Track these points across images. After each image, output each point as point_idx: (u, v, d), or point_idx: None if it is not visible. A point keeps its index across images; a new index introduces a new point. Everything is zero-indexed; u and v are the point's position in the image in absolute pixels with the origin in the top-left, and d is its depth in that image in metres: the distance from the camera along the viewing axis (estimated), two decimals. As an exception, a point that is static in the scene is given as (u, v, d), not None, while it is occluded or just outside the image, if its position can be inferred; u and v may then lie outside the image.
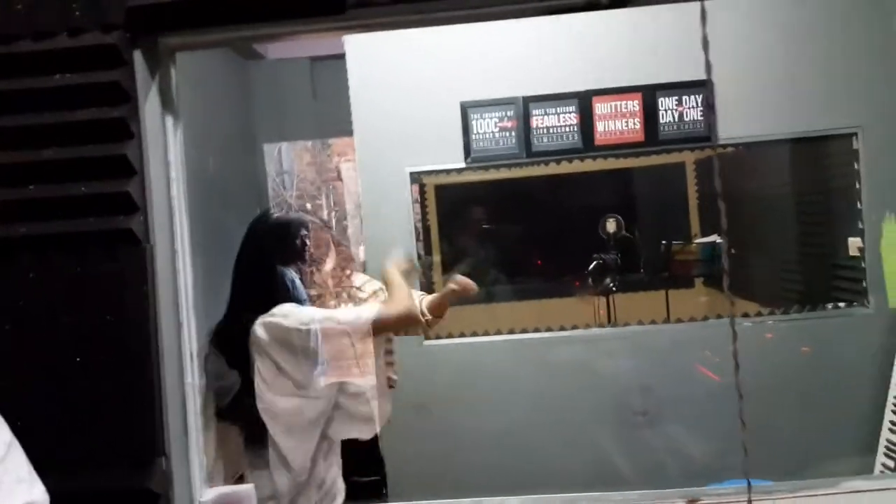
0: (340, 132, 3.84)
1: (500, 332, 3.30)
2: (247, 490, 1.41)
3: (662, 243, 3.74)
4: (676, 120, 3.14)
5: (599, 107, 3.16)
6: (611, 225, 3.87)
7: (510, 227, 4.64)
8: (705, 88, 3.07)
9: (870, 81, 3.06)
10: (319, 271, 2.69)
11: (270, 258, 1.84)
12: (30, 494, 1.02)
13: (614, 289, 3.62)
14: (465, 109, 3.21)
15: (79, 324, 1.23)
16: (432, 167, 3.29)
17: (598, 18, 2.76)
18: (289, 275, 2.82)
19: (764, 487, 1.22)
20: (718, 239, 3.66)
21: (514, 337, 3.26)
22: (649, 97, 3.14)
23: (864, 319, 3.09)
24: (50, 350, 1.23)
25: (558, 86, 3.16)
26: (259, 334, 1.76)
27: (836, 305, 3.21)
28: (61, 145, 1.24)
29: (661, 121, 3.14)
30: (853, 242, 3.21)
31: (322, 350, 1.73)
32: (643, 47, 3.07)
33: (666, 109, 3.14)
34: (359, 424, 1.84)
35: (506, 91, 3.18)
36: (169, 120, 1.36)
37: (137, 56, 1.28)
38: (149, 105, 1.30)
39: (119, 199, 1.24)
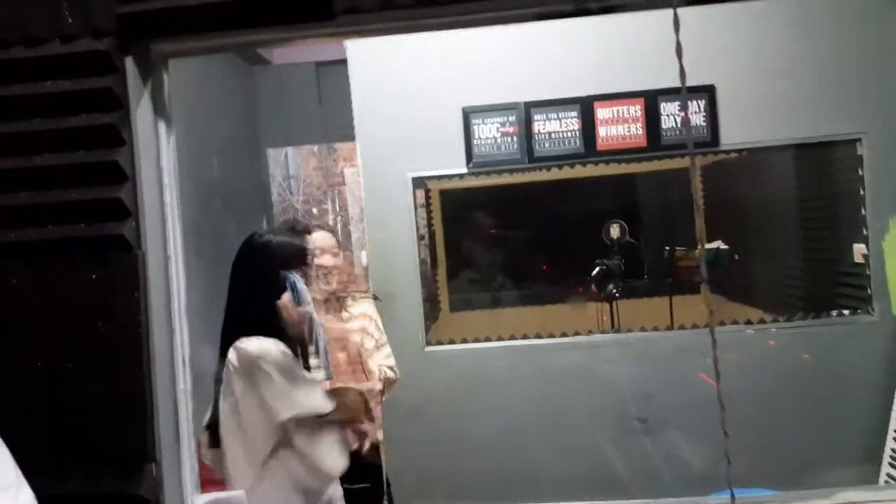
0: (345, 137, 3.86)
1: (502, 338, 3.30)
2: (238, 497, 1.40)
3: (666, 249, 3.72)
4: (678, 125, 3.13)
5: (601, 112, 3.15)
6: (615, 230, 3.85)
7: (514, 233, 4.63)
8: (703, 94, 3.06)
9: (874, 87, 3.04)
10: (326, 279, 2.68)
11: (258, 284, 1.77)
12: (16, 500, 1.02)
13: (617, 295, 3.60)
14: (468, 114, 3.21)
15: (70, 329, 1.23)
16: (434, 172, 3.28)
17: (600, 23, 2.76)
18: (291, 278, 2.81)
19: (751, 498, 1.20)
20: (722, 245, 3.65)
21: (516, 343, 3.25)
22: (651, 102, 3.13)
23: (869, 327, 3.06)
24: (41, 354, 1.23)
25: (560, 91, 3.15)
26: (230, 358, 1.72)
27: (841, 313, 3.18)
28: (53, 151, 1.25)
29: (663, 126, 3.13)
30: (858, 249, 3.19)
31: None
32: (645, 52, 3.06)
33: (668, 114, 3.13)
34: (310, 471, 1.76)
35: (508, 96, 3.17)
36: (162, 126, 1.37)
37: (129, 62, 1.29)
38: (141, 111, 1.31)
39: (111, 205, 1.24)
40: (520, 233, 4.60)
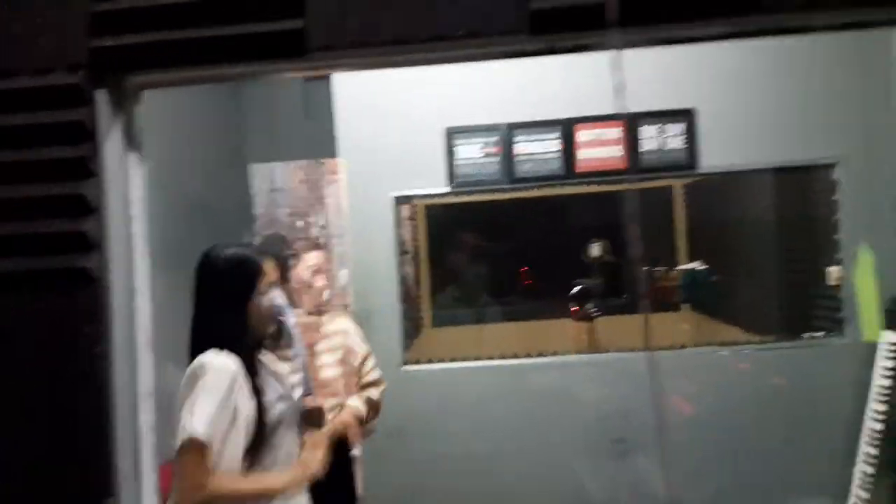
0: (332, 153, 3.87)
1: (480, 358, 3.31)
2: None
3: (644, 269, 3.75)
4: (658, 148, 3.16)
5: (582, 134, 3.18)
6: (595, 249, 3.88)
7: (498, 248, 4.66)
8: (682, 117, 3.10)
9: (851, 114, 3.09)
10: (318, 297, 2.66)
11: (211, 299, 1.78)
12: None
13: (596, 314, 3.62)
14: (451, 135, 3.23)
15: (30, 361, 1.24)
16: (417, 192, 3.30)
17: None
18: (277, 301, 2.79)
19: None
20: (700, 266, 3.68)
21: (494, 363, 3.27)
22: (632, 126, 3.16)
23: (841, 349, 3.10)
24: (0, 387, 1.24)
25: (542, 113, 3.18)
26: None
27: (813, 336, 3.22)
28: (19, 183, 1.26)
29: (643, 149, 3.16)
30: (832, 272, 3.23)
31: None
32: (626, 77, 3.10)
33: (648, 137, 3.16)
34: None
35: (490, 117, 3.20)
36: (132, 157, 1.38)
37: (101, 95, 1.30)
38: (111, 143, 1.31)
39: (75, 238, 1.25)
40: (503, 248, 4.63)
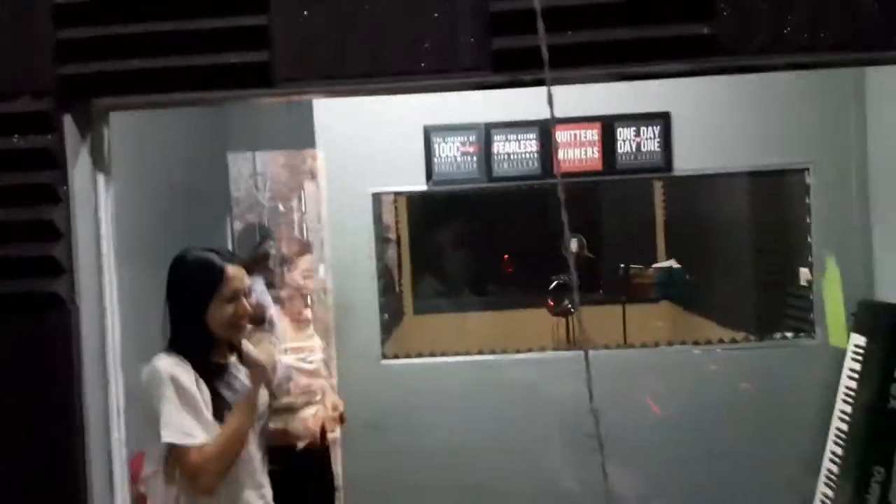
0: (311, 146, 3.86)
1: (459, 350, 3.35)
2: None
3: (621, 266, 3.80)
4: (634, 150, 3.20)
5: (560, 135, 3.21)
6: (573, 245, 3.92)
7: (478, 237, 4.71)
8: (658, 120, 3.13)
9: (824, 120, 3.13)
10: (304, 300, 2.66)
11: (179, 302, 1.70)
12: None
13: (573, 310, 3.68)
14: (429, 133, 3.25)
15: (2, 382, 1.27)
16: (395, 188, 3.33)
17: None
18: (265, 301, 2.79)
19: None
20: (675, 264, 3.74)
21: (471, 358, 3.31)
22: (608, 127, 3.19)
23: (810, 350, 3.17)
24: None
25: (520, 113, 3.19)
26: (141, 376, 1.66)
27: (784, 336, 3.29)
28: (-12, 208, 1.28)
29: (619, 150, 3.20)
30: (804, 273, 3.29)
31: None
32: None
33: (624, 139, 3.20)
34: None
35: (468, 117, 3.22)
36: (100, 178, 1.40)
37: (68, 119, 1.32)
38: (79, 167, 1.33)
39: (45, 263, 1.28)
40: (483, 237, 4.67)
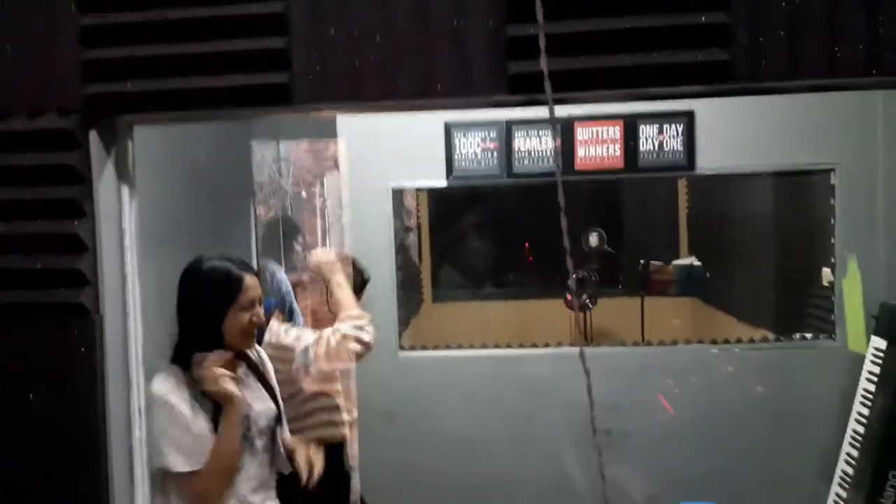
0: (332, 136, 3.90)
1: (475, 343, 3.39)
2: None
3: (640, 262, 3.79)
4: (657, 148, 3.18)
5: (581, 132, 3.20)
6: (593, 239, 3.91)
7: (497, 228, 4.73)
8: (682, 118, 3.11)
9: (849, 120, 3.08)
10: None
11: (192, 311, 1.68)
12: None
13: (591, 304, 3.69)
14: (450, 129, 3.26)
15: (28, 390, 1.33)
16: (415, 184, 3.36)
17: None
18: (270, 268, 2.82)
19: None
20: (696, 262, 3.72)
21: (487, 352, 3.35)
22: (630, 125, 3.17)
23: (831, 352, 3.15)
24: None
25: (541, 110, 3.18)
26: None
27: (804, 336, 3.27)
28: (16, 220, 1.33)
29: (641, 148, 3.18)
30: (826, 274, 3.26)
31: None
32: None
33: (646, 137, 3.18)
34: None
35: (490, 113, 3.22)
36: (124, 190, 1.44)
37: (93, 136, 1.36)
38: (103, 181, 1.38)
39: (70, 275, 1.33)
40: (502, 230, 4.69)
